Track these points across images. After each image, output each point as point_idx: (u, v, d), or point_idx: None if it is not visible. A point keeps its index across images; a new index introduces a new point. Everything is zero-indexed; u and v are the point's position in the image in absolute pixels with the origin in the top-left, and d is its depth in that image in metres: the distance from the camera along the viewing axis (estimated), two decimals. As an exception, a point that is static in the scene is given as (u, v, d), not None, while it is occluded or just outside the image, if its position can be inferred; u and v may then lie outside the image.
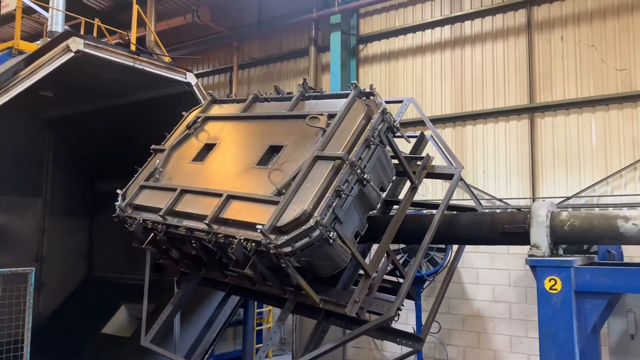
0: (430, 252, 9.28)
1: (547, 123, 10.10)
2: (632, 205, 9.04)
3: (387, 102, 7.05)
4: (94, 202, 11.72)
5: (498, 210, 9.37)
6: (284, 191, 4.57)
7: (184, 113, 6.75)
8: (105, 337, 9.44)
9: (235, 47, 14.51)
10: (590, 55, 9.76)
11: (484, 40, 10.92)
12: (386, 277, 5.67)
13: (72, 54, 7.29)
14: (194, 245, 5.09)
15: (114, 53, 7.94)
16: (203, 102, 8.34)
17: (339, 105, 5.10)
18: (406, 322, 10.76)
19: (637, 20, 9.40)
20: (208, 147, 5.96)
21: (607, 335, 5.00)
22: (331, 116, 5.02)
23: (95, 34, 9.49)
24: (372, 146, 4.78)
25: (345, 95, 5.17)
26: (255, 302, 9.64)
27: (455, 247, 9.64)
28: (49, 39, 7.61)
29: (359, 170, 4.56)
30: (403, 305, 5.75)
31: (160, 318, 6.13)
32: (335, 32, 12.24)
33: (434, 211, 5.36)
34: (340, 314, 4.71)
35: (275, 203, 4.51)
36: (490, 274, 10.14)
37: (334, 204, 4.37)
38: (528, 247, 4.62)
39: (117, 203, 5.95)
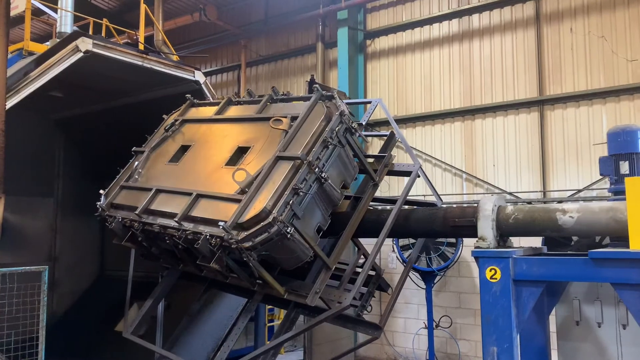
0: (440, 247, 9.28)
1: (557, 115, 10.05)
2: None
3: (356, 103, 7.41)
4: (105, 201, 11.79)
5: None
6: (246, 190, 4.86)
7: (164, 116, 7.04)
8: (118, 334, 9.53)
9: (243, 45, 14.55)
10: (600, 46, 9.69)
11: (492, 33, 10.87)
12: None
13: (82, 54, 7.35)
14: (167, 241, 5.40)
15: (123, 52, 7.99)
16: (212, 100, 8.46)
17: (302, 108, 5.40)
18: (417, 317, 10.79)
19: (648, 10, 9.33)
20: (184, 149, 6.29)
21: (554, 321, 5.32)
22: (294, 118, 5.30)
23: (103, 34, 9.57)
24: (330, 146, 5.05)
25: (310, 99, 5.47)
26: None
27: (465, 240, 9.67)
28: (58, 40, 7.68)
29: (317, 169, 4.84)
30: (374, 297, 6.14)
31: (141, 311, 6.53)
32: (343, 28, 12.25)
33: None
34: (306, 304, 5.04)
35: (238, 201, 4.81)
36: (501, 268, 10.10)
37: (291, 201, 4.65)
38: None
39: (98, 203, 6.33)
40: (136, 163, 6.53)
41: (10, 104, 6.36)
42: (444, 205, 5.85)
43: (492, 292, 4.60)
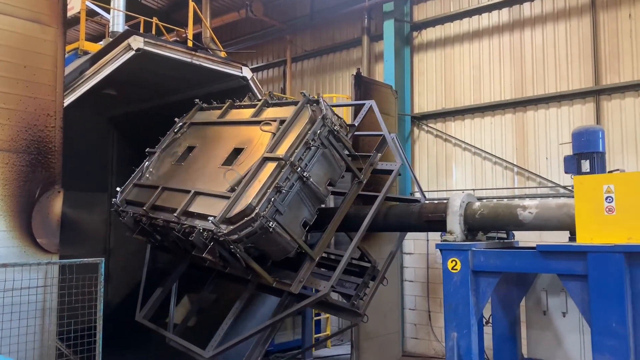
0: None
1: (615, 106, 9.64)
2: None
3: (347, 105, 7.87)
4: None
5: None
6: (236, 188, 5.29)
7: (176, 119, 7.56)
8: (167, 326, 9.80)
9: (288, 40, 14.63)
10: (662, 32, 9.22)
11: (544, 21, 10.52)
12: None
13: (133, 52, 7.56)
14: (170, 234, 5.87)
15: (173, 50, 8.18)
16: (259, 96, 8.60)
17: (290, 112, 5.78)
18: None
19: None
20: (189, 150, 6.79)
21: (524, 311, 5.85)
22: (282, 122, 5.69)
23: (153, 33, 9.82)
24: (312, 148, 5.38)
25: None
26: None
27: (517, 234, 9.45)
28: (111, 39, 7.93)
29: (299, 169, 5.20)
30: (369, 287, 6.47)
31: (152, 298, 7.19)
32: (388, 20, 12.12)
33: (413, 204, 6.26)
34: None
35: (229, 198, 5.25)
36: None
37: (274, 198, 5.03)
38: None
39: (113, 199, 6.90)
40: (147, 163, 7.10)
41: (67, 101, 6.61)
42: (427, 202, 6.20)
43: (453, 282, 5.04)
